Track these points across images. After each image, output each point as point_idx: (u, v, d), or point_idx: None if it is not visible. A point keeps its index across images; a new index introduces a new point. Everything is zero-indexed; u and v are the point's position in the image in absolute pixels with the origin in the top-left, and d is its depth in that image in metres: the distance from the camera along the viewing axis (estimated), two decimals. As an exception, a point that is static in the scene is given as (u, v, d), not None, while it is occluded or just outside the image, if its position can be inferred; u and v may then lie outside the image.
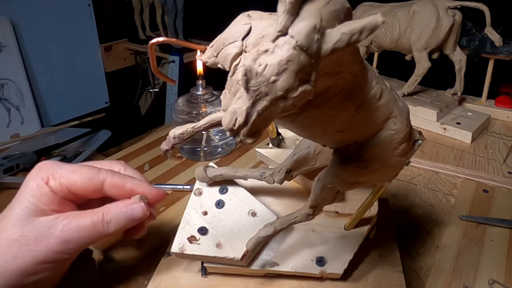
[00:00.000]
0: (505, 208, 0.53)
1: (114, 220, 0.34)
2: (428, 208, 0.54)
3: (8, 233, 0.31)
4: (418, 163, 0.64)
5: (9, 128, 1.11)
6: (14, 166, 0.66)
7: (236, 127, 0.19)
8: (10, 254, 0.31)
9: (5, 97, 1.12)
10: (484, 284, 0.42)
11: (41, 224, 0.32)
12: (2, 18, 1.13)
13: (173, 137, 0.31)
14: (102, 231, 0.33)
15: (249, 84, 0.19)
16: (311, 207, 0.34)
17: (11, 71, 1.14)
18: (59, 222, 0.32)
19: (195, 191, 0.41)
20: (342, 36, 0.18)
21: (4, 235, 0.31)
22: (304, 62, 0.18)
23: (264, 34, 0.24)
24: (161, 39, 0.37)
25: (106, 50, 1.45)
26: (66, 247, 0.32)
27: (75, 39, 1.34)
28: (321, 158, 0.38)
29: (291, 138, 0.51)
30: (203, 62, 0.28)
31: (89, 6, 1.36)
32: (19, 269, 0.31)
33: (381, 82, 0.28)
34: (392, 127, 0.29)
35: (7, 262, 0.31)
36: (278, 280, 0.38)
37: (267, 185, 0.40)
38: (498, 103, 0.79)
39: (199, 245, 0.37)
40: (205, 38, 1.46)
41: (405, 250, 0.46)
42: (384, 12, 0.75)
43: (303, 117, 0.26)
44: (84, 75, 1.40)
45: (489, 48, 0.73)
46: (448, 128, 0.72)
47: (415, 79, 0.76)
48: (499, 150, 0.67)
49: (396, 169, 0.32)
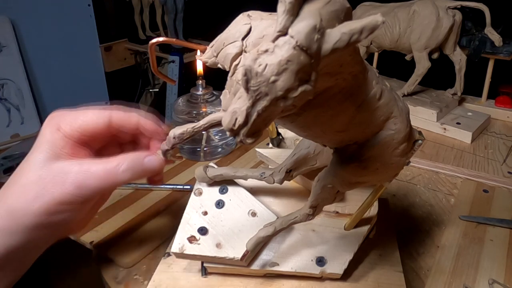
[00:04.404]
0: (505, 208, 0.53)
1: (129, 169, 0.35)
2: (428, 208, 0.54)
3: (29, 175, 0.33)
4: (418, 163, 0.64)
5: (9, 128, 1.11)
6: (14, 166, 0.66)
7: (236, 127, 0.19)
8: (31, 194, 0.33)
9: (5, 97, 1.12)
10: (484, 284, 0.42)
11: (57, 168, 0.33)
12: (2, 18, 1.13)
13: (173, 137, 0.32)
14: (115, 179, 0.34)
15: (249, 84, 0.19)
16: (311, 207, 0.34)
17: (11, 71, 1.14)
18: (73, 167, 0.34)
19: (195, 191, 0.41)
20: (342, 36, 0.18)
21: (25, 176, 0.33)
22: (304, 62, 0.18)
23: (264, 34, 0.24)
24: (161, 39, 0.37)
25: (106, 50, 1.45)
26: (80, 191, 0.33)
27: (75, 39, 1.34)
28: (321, 158, 0.38)
29: (291, 138, 0.51)
30: (203, 62, 0.28)
31: (89, 6, 1.36)
32: (41, 207, 0.33)
33: (381, 82, 0.28)
34: (392, 127, 0.29)
35: (30, 201, 0.32)
36: (278, 280, 0.38)
37: (267, 185, 0.40)
38: (498, 103, 0.79)
39: (199, 245, 0.37)
40: (205, 38, 1.46)
41: (405, 250, 0.46)
42: (384, 12, 0.75)
43: (303, 117, 0.26)
44: (84, 75, 1.40)
45: (489, 48, 0.73)
46: (448, 128, 0.72)
47: (415, 79, 0.76)
48: (499, 150, 0.67)
49: (396, 169, 0.32)
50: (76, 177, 0.33)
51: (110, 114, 0.36)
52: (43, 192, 0.33)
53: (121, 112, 0.36)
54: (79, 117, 0.35)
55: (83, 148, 0.36)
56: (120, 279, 0.43)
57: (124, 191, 0.56)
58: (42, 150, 0.34)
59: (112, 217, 0.51)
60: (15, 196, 0.33)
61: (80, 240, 0.48)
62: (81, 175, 0.33)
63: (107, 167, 0.34)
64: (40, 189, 0.33)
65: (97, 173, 0.34)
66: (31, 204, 0.32)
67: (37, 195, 0.32)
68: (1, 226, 0.32)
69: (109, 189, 0.35)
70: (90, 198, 0.35)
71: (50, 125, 0.35)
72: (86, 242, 0.47)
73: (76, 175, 0.33)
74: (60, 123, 0.35)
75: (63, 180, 0.33)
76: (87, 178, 0.33)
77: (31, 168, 0.34)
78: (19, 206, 0.32)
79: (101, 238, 0.47)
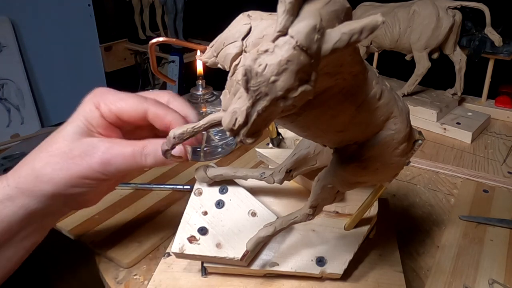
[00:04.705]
0: (505, 208, 0.53)
1: (152, 155, 0.35)
2: (428, 208, 0.54)
3: (60, 145, 0.35)
4: (418, 163, 0.64)
5: (9, 128, 1.11)
6: (14, 166, 0.66)
7: (236, 127, 0.19)
8: (58, 164, 0.34)
9: (5, 97, 1.12)
10: (484, 284, 0.42)
11: (87, 143, 0.35)
12: (2, 18, 1.13)
13: (173, 137, 0.31)
14: (140, 162, 0.35)
15: (249, 84, 0.19)
16: (311, 207, 0.34)
17: (11, 71, 1.14)
18: (102, 145, 0.35)
19: (195, 191, 0.41)
20: (342, 36, 0.18)
21: (56, 146, 0.35)
22: (304, 62, 0.18)
23: (264, 34, 0.24)
24: (161, 39, 0.37)
25: (106, 50, 1.45)
26: (105, 168, 0.34)
27: (75, 39, 1.34)
28: (321, 158, 0.38)
29: (291, 138, 0.51)
30: (203, 62, 0.28)
31: (89, 6, 1.36)
32: (65, 179, 0.34)
33: (381, 82, 0.28)
34: (392, 127, 0.29)
35: (56, 171, 0.34)
36: (278, 280, 0.38)
37: (267, 185, 0.40)
38: (498, 103, 0.79)
39: (199, 245, 0.37)
40: (205, 38, 1.46)
41: (405, 250, 0.46)
42: (384, 12, 0.75)
43: (303, 117, 0.26)
44: (84, 75, 1.40)
45: (489, 48, 0.73)
46: (448, 128, 0.72)
47: (415, 79, 0.76)
48: (499, 150, 0.67)
49: (396, 169, 0.32)
50: (104, 154, 0.34)
51: (148, 108, 0.36)
52: (69, 165, 0.34)
53: (159, 109, 0.36)
54: (119, 101, 0.36)
55: (115, 128, 0.37)
56: (120, 279, 0.43)
57: (124, 191, 0.56)
58: (77, 124, 0.35)
59: (112, 217, 0.51)
60: (43, 162, 0.34)
61: (80, 240, 0.48)
62: (109, 153, 0.34)
63: (135, 149, 0.35)
64: (67, 160, 0.34)
65: (124, 154, 0.35)
66: (55, 173, 0.34)
67: (63, 166, 0.34)
68: (25, 187, 0.34)
69: (133, 170, 0.36)
70: (112, 176, 0.36)
71: (91, 101, 0.36)
72: (86, 242, 0.47)
73: (104, 152, 0.34)
74: (100, 102, 0.36)
75: (91, 155, 0.34)
76: (114, 157, 0.34)
77: (64, 138, 0.35)
78: (44, 172, 0.34)
79: (101, 238, 0.47)
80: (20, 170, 0.35)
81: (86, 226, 0.49)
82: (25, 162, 0.35)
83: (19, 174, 0.35)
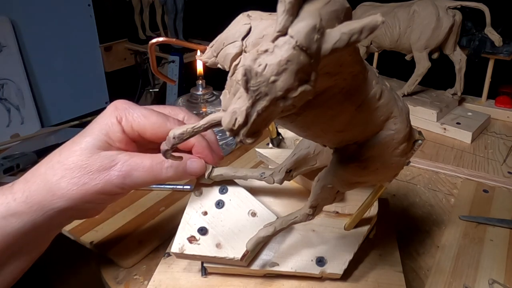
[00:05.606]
0: (505, 208, 0.53)
1: (171, 168, 0.35)
2: (428, 208, 0.54)
3: (76, 158, 0.33)
4: (418, 163, 0.64)
5: (9, 128, 1.11)
6: (14, 166, 0.66)
7: (236, 127, 0.19)
8: (75, 179, 0.33)
9: (5, 97, 1.12)
10: (484, 284, 0.42)
11: (105, 157, 0.34)
12: (2, 18, 1.13)
13: (173, 137, 0.31)
14: (158, 175, 0.35)
15: (249, 84, 0.19)
16: (311, 207, 0.34)
17: (11, 71, 1.14)
18: (121, 157, 0.34)
19: (195, 191, 0.41)
20: (342, 36, 0.18)
21: (72, 159, 0.33)
22: (303, 62, 0.18)
23: (264, 34, 0.24)
24: (161, 39, 0.37)
25: (106, 50, 1.45)
26: (123, 181, 0.34)
27: (75, 39, 1.34)
28: (321, 158, 0.38)
29: (291, 138, 0.51)
30: (203, 62, 0.28)
31: (89, 6, 1.36)
32: (80, 194, 0.33)
33: (381, 82, 0.28)
34: (392, 127, 0.29)
35: (71, 185, 0.32)
36: (278, 280, 0.38)
37: (267, 185, 0.40)
38: (498, 103, 0.79)
39: (199, 245, 0.37)
40: (205, 38, 1.46)
41: (405, 250, 0.46)
42: (384, 12, 0.75)
43: (303, 117, 0.26)
44: (84, 75, 1.40)
45: (489, 48, 0.73)
46: (448, 128, 0.72)
47: (415, 79, 0.76)
48: (499, 150, 0.67)
49: (396, 169, 0.32)
50: (123, 167, 0.34)
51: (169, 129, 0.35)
52: (87, 180, 0.33)
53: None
54: (142, 118, 0.36)
55: (133, 143, 0.37)
56: (120, 279, 0.43)
57: (124, 191, 0.56)
58: (96, 137, 0.34)
59: (112, 217, 0.51)
60: (58, 175, 0.33)
61: (80, 240, 0.48)
62: (128, 165, 0.34)
63: (154, 161, 0.34)
64: (84, 175, 0.33)
65: (143, 166, 0.34)
66: (71, 188, 0.32)
67: (79, 181, 0.33)
68: (36, 201, 0.32)
69: (151, 183, 0.36)
70: (129, 190, 0.35)
71: (113, 115, 0.35)
72: (86, 242, 0.47)
73: (123, 165, 0.34)
74: (123, 116, 0.35)
75: (109, 169, 0.33)
76: (133, 169, 0.34)
77: (82, 151, 0.34)
78: (59, 187, 0.32)
79: (101, 238, 0.47)
80: (30, 182, 0.33)
81: (86, 226, 0.49)
82: (36, 174, 0.33)
83: (29, 187, 0.33)
